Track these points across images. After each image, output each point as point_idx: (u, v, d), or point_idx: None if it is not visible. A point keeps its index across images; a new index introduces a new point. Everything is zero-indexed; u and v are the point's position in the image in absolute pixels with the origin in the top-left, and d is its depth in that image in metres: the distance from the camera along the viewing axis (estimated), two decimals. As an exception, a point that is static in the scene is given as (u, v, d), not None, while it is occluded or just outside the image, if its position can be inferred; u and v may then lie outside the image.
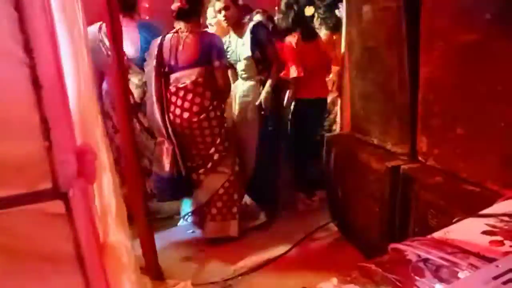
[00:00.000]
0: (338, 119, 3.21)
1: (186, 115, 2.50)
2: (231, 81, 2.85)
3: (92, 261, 0.74)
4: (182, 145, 2.58)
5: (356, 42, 2.36)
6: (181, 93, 2.51)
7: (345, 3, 2.58)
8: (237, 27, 2.78)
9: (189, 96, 2.50)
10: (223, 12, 2.68)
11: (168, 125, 2.54)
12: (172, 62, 2.51)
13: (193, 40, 2.50)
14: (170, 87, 2.53)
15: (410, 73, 1.86)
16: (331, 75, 3.26)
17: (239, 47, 2.79)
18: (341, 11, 2.93)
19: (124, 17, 2.71)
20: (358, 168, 2.23)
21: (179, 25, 2.54)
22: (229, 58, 2.83)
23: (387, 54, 2.01)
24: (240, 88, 2.86)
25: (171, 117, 2.53)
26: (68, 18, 0.83)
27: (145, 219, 2.08)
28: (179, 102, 2.52)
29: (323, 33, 3.30)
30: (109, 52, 2.59)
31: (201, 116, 2.51)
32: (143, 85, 2.73)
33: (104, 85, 2.86)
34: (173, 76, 2.53)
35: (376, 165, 2.04)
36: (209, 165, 2.60)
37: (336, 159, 2.53)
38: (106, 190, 1.08)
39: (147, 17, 4.51)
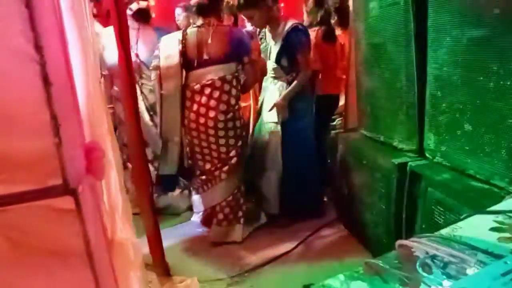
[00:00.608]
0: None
1: (212, 113, 2.41)
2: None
3: (101, 256, 0.75)
4: (200, 146, 2.52)
5: (363, 38, 2.35)
6: (207, 91, 2.42)
7: (352, -1, 2.57)
8: (272, 25, 2.68)
9: (216, 94, 2.41)
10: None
11: (185, 125, 2.51)
12: (201, 58, 2.42)
13: (223, 34, 2.42)
14: (193, 84, 2.45)
15: (417, 69, 1.85)
16: None
17: (272, 46, 2.73)
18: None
19: (140, 24, 2.76)
20: (364, 165, 2.23)
21: (199, 20, 2.47)
22: (262, 50, 2.84)
23: (395, 50, 2.00)
24: (269, 90, 2.79)
25: (193, 116, 2.45)
26: (76, 17, 0.84)
27: (152, 216, 2.10)
28: (204, 100, 2.42)
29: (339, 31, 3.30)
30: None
31: (228, 116, 2.44)
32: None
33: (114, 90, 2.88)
34: (197, 73, 2.44)
35: (383, 162, 2.03)
36: (226, 168, 2.53)
37: (343, 156, 2.53)
38: (114, 187, 1.09)
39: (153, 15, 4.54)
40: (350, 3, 2.75)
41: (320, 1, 3.01)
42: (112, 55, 2.35)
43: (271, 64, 2.73)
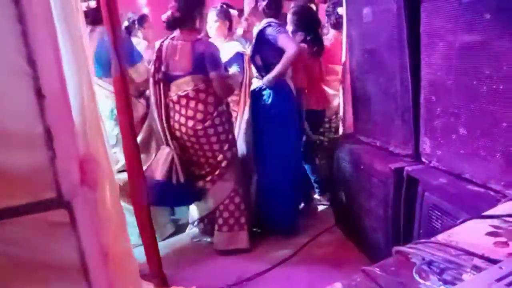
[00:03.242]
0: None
1: (190, 123, 2.43)
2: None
3: (96, 269, 0.74)
4: (189, 153, 2.54)
5: (357, 44, 2.36)
6: (184, 101, 2.43)
7: (345, 5, 2.58)
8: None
9: (192, 104, 2.42)
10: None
11: (167, 132, 2.49)
12: (169, 71, 2.44)
13: (187, 49, 2.39)
14: (172, 95, 2.46)
15: (411, 74, 1.86)
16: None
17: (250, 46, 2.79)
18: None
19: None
20: (361, 170, 2.23)
21: (175, 32, 2.46)
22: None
23: (388, 56, 2.01)
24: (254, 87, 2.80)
25: (176, 126, 2.47)
26: (70, 29, 0.84)
27: (149, 226, 2.09)
28: (183, 111, 2.44)
29: (331, 33, 3.29)
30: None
31: (206, 124, 2.44)
32: None
33: None
34: (173, 84, 2.45)
35: (380, 166, 2.03)
36: (217, 172, 2.54)
37: (340, 162, 2.53)
38: (109, 198, 1.09)
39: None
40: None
41: (301, 22, 2.96)
42: None
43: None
